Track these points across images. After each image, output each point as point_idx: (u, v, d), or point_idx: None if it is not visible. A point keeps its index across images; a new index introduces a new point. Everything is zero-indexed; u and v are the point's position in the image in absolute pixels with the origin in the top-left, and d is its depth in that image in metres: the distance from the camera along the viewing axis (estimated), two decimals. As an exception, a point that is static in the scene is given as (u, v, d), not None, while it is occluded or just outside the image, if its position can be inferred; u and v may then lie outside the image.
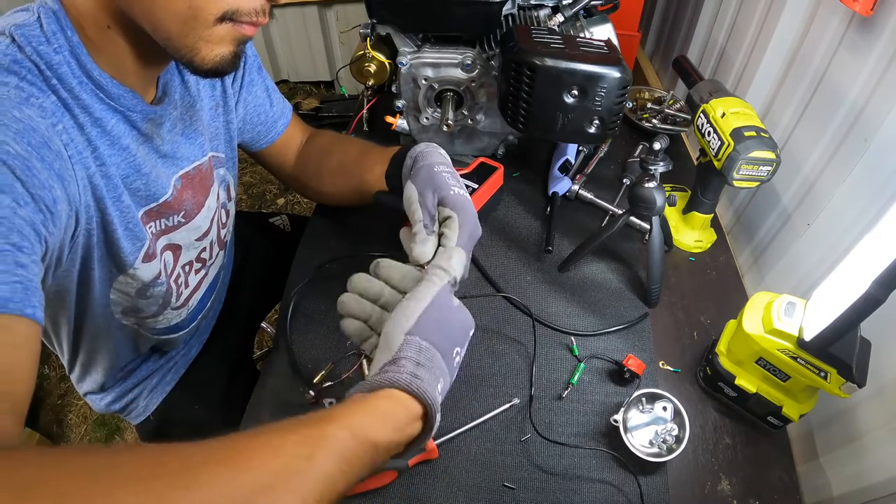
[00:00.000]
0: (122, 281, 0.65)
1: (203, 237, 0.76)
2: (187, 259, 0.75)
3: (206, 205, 0.74)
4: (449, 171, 0.65)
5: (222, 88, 0.75)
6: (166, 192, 0.65)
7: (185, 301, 0.78)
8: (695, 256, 0.93)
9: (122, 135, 0.58)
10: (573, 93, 0.75)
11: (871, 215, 0.70)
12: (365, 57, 0.94)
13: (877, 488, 0.63)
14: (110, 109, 0.56)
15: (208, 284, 0.84)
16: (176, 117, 0.66)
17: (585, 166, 1.05)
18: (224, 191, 0.80)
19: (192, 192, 0.70)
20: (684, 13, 1.31)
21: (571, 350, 0.77)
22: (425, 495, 0.65)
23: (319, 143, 0.89)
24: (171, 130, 0.65)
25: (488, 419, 0.71)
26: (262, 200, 2.22)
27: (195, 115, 0.69)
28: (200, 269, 0.79)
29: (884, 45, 0.68)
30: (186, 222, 0.71)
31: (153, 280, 0.68)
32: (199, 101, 0.70)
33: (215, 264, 0.84)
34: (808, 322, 0.61)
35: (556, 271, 0.88)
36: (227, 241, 0.86)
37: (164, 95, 0.64)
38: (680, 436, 0.67)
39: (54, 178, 0.48)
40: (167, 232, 0.69)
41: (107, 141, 0.56)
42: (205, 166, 0.72)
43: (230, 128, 0.78)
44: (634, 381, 0.74)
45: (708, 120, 0.82)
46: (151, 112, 0.61)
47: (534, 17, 0.92)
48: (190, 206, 0.70)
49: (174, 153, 0.66)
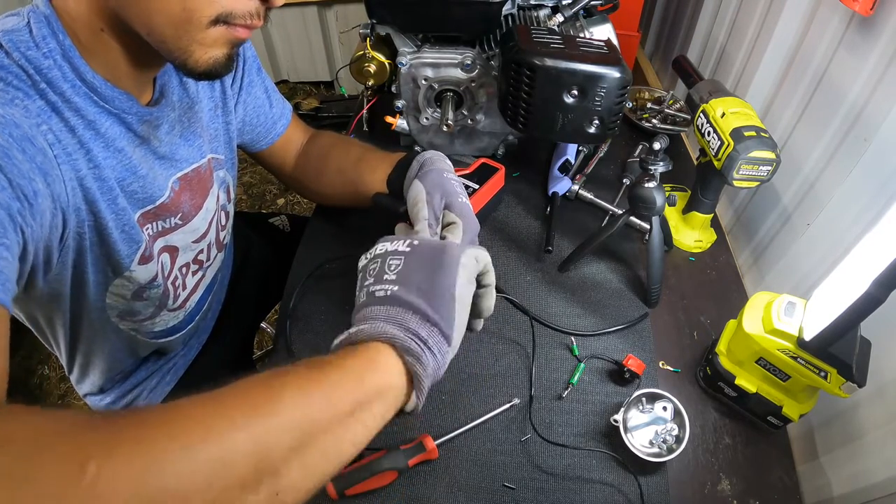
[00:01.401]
0: (118, 284, 0.65)
1: (201, 239, 0.76)
2: (184, 261, 0.75)
3: (205, 207, 0.74)
4: (456, 181, 0.65)
5: (221, 90, 0.75)
6: (163, 193, 0.65)
7: (183, 303, 0.78)
8: (695, 256, 0.93)
9: (117, 137, 0.58)
10: (573, 93, 0.75)
11: (871, 215, 0.70)
12: (365, 57, 0.94)
13: (877, 488, 0.63)
14: (104, 112, 0.56)
15: (206, 286, 0.84)
16: (174, 119, 0.66)
17: (585, 166, 1.05)
18: (224, 193, 0.80)
19: (191, 195, 0.70)
20: (684, 13, 1.31)
21: (571, 350, 0.77)
22: (426, 495, 0.65)
23: (319, 144, 0.89)
24: (169, 132, 0.65)
25: (488, 419, 0.71)
26: (262, 200, 2.22)
27: (193, 117, 0.69)
28: (198, 272, 0.79)
29: (884, 45, 0.68)
30: (183, 224, 0.71)
31: (150, 282, 0.68)
32: (197, 103, 0.70)
33: (213, 266, 0.84)
34: (808, 322, 0.61)
35: (556, 271, 0.88)
36: (226, 244, 0.86)
37: (162, 97, 0.64)
38: (680, 435, 0.67)
39: (36, 172, 0.48)
40: (164, 234, 0.68)
41: (101, 143, 0.56)
42: (203, 168, 0.72)
43: (229, 129, 0.78)
44: (634, 381, 0.74)
45: (708, 120, 0.82)
46: (147, 114, 0.61)
47: (534, 17, 0.92)
48: (187, 208, 0.70)
49: (172, 155, 0.66)
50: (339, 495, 0.62)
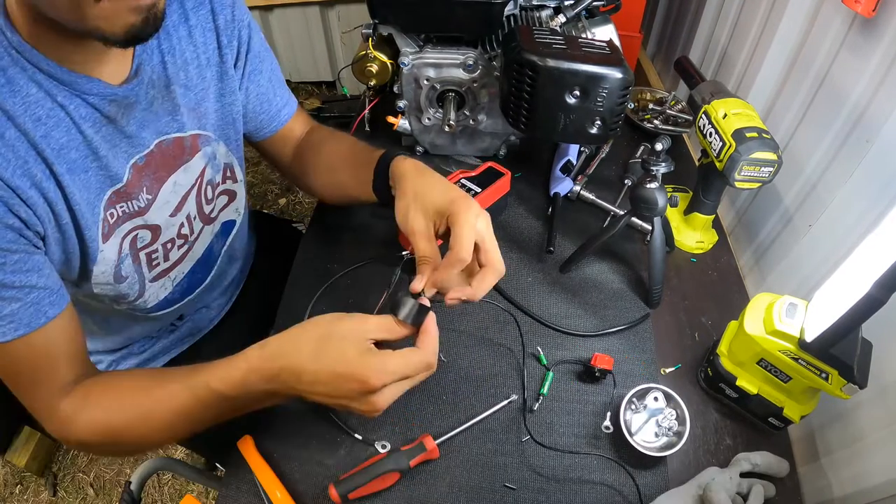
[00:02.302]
0: (97, 274, 0.66)
1: (176, 212, 0.74)
2: (169, 237, 0.75)
3: (171, 180, 0.72)
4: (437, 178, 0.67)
5: (221, 70, 0.74)
6: (125, 173, 0.65)
7: (163, 273, 0.78)
8: (696, 257, 0.93)
9: (82, 119, 0.59)
10: (575, 93, 0.75)
11: (872, 216, 0.70)
12: (367, 57, 0.94)
13: (878, 489, 0.63)
14: (70, 95, 0.58)
15: (198, 258, 0.83)
16: (152, 96, 0.65)
17: (587, 167, 1.05)
18: (212, 168, 0.78)
19: (154, 169, 0.69)
20: (686, 14, 1.31)
21: (539, 359, 0.77)
22: (427, 497, 0.65)
23: (313, 138, 0.88)
24: (146, 109, 0.65)
25: (487, 417, 0.71)
26: (263, 200, 2.22)
27: (168, 95, 0.68)
28: (183, 245, 0.79)
29: (886, 46, 0.68)
30: (154, 200, 0.70)
31: (120, 258, 0.69)
32: (180, 80, 0.69)
33: (202, 239, 0.82)
34: (810, 323, 0.61)
35: (557, 272, 0.88)
36: (215, 217, 0.84)
37: (136, 75, 0.63)
38: (680, 414, 0.68)
39: None
40: (141, 213, 0.69)
41: (63, 128, 0.58)
42: (168, 144, 0.70)
43: (232, 110, 0.78)
44: (606, 376, 0.74)
45: (710, 121, 0.82)
46: (113, 94, 0.60)
47: (536, 17, 0.92)
48: (149, 182, 0.69)
49: (139, 133, 0.66)
50: (343, 500, 0.62)
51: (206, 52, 0.72)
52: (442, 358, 0.77)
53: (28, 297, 0.56)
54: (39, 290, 0.57)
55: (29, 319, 0.56)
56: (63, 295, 0.60)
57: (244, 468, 0.66)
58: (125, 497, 0.78)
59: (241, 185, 0.86)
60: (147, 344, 0.89)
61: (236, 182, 0.84)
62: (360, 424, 0.70)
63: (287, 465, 0.67)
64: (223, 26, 0.73)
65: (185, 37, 0.69)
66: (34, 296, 0.57)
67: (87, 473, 1.52)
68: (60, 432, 0.61)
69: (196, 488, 1.48)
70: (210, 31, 0.72)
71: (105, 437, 0.60)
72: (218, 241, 0.87)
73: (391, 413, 0.71)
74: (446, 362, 0.77)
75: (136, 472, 0.80)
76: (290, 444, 0.69)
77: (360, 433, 0.69)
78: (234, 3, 0.74)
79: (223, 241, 0.89)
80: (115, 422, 0.60)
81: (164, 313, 0.82)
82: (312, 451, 0.69)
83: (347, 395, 0.54)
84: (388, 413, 0.71)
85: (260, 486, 0.64)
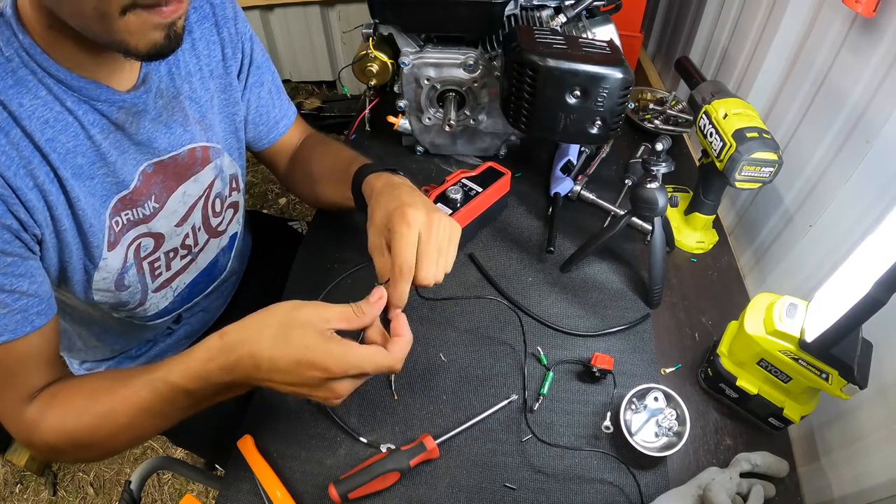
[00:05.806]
0: (98, 280, 0.66)
1: (182, 223, 0.75)
2: (172, 246, 0.75)
3: (181, 191, 0.73)
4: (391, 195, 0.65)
5: (225, 82, 0.75)
6: (133, 179, 0.65)
7: (165, 283, 0.78)
8: (696, 257, 0.93)
9: (91, 124, 0.59)
10: (575, 93, 0.75)
11: (873, 217, 0.70)
12: (367, 57, 0.94)
13: (878, 490, 0.63)
14: (79, 101, 0.58)
15: (201, 270, 0.84)
16: (161, 106, 0.66)
17: (587, 167, 1.05)
18: (221, 181, 0.79)
19: (163, 178, 0.70)
20: (686, 14, 1.31)
21: (539, 360, 0.77)
22: (427, 497, 0.65)
23: (303, 149, 0.89)
24: (155, 119, 0.65)
25: (487, 417, 0.71)
26: (263, 200, 2.22)
27: (178, 106, 0.69)
28: (186, 255, 0.79)
29: (886, 46, 0.68)
30: (161, 208, 0.71)
31: (124, 267, 0.69)
32: (185, 92, 0.69)
33: (207, 251, 0.83)
34: (810, 323, 0.61)
35: (557, 272, 0.88)
36: (223, 231, 0.85)
37: (144, 83, 0.64)
38: (680, 414, 0.68)
39: None
40: (146, 220, 0.69)
41: (71, 132, 0.58)
42: (183, 156, 0.71)
43: (235, 120, 0.78)
44: (606, 376, 0.74)
45: (710, 121, 0.82)
46: (122, 101, 0.61)
47: (536, 17, 0.92)
48: (158, 190, 0.69)
49: (150, 142, 0.66)
50: (343, 499, 0.62)
51: (209, 63, 0.72)
52: (442, 358, 0.77)
53: (16, 304, 0.55)
54: (29, 297, 0.56)
55: (14, 326, 0.55)
56: (52, 305, 0.59)
57: (244, 468, 0.66)
58: (125, 496, 0.78)
59: (243, 194, 0.86)
60: (143, 348, 0.88)
61: (239, 192, 0.85)
62: (360, 424, 0.70)
63: (287, 465, 0.67)
64: (227, 39, 0.74)
65: (189, 49, 0.70)
66: (23, 303, 0.56)
67: (87, 473, 1.52)
68: (25, 436, 0.59)
69: (196, 488, 1.48)
70: (214, 44, 0.73)
71: (70, 441, 0.59)
72: (224, 255, 0.88)
73: (391, 413, 0.72)
74: (446, 362, 0.77)
75: (136, 471, 0.80)
76: (290, 443, 0.69)
77: (360, 433, 0.69)
78: (235, 16, 0.75)
79: (229, 254, 0.89)
80: (80, 424, 0.58)
81: (163, 321, 0.82)
82: (312, 451, 0.69)
83: (308, 383, 0.53)
84: (389, 413, 0.71)
85: (260, 486, 0.64)
